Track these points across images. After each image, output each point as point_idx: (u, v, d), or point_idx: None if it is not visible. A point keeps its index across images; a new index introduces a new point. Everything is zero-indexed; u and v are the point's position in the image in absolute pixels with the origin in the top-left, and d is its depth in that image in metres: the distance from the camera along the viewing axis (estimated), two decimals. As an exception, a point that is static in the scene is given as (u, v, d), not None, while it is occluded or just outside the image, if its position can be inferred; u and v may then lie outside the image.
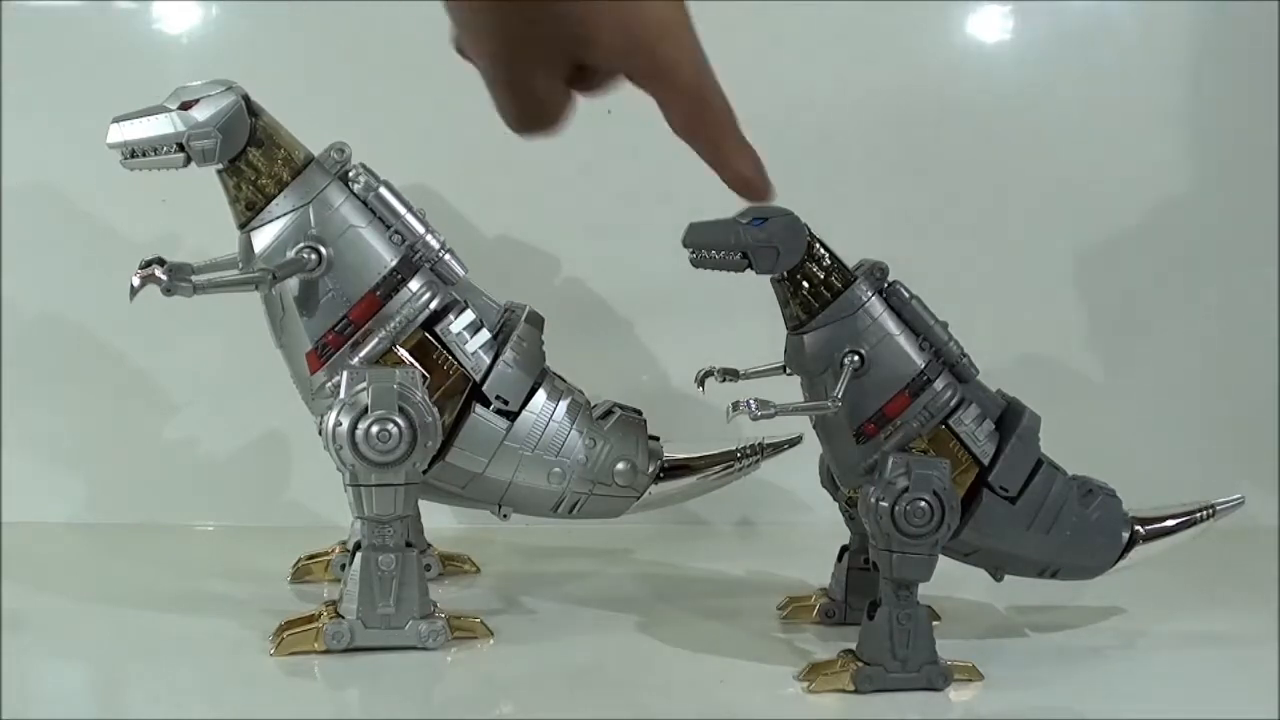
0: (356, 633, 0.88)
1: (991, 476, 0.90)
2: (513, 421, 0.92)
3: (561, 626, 0.97)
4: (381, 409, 0.85)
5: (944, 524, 0.84)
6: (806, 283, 0.88)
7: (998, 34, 1.34)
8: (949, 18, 1.33)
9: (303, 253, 0.87)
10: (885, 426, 0.88)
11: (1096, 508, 0.94)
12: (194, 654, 0.88)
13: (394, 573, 0.88)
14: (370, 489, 0.86)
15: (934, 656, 0.86)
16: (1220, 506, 0.99)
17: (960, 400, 0.89)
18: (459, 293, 0.93)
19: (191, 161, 0.86)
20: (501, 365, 0.92)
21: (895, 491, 0.84)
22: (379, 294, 0.89)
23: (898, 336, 0.88)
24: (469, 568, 1.10)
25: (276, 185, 0.88)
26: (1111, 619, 1.03)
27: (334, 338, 0.89)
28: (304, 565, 1.05)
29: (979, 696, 0.86)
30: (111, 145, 0.85)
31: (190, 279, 0.82)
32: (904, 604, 0.85)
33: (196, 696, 0.83)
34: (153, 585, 1.02)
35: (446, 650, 0.89)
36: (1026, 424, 0.90)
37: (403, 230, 0.90)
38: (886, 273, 0.90)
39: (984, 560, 0.94)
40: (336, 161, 0.90)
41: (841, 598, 0.99)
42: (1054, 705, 0.86)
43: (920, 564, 0.85)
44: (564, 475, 0.94)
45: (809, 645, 0.94)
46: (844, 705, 0.84)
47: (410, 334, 0.90)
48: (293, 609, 0.93)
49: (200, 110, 0.85)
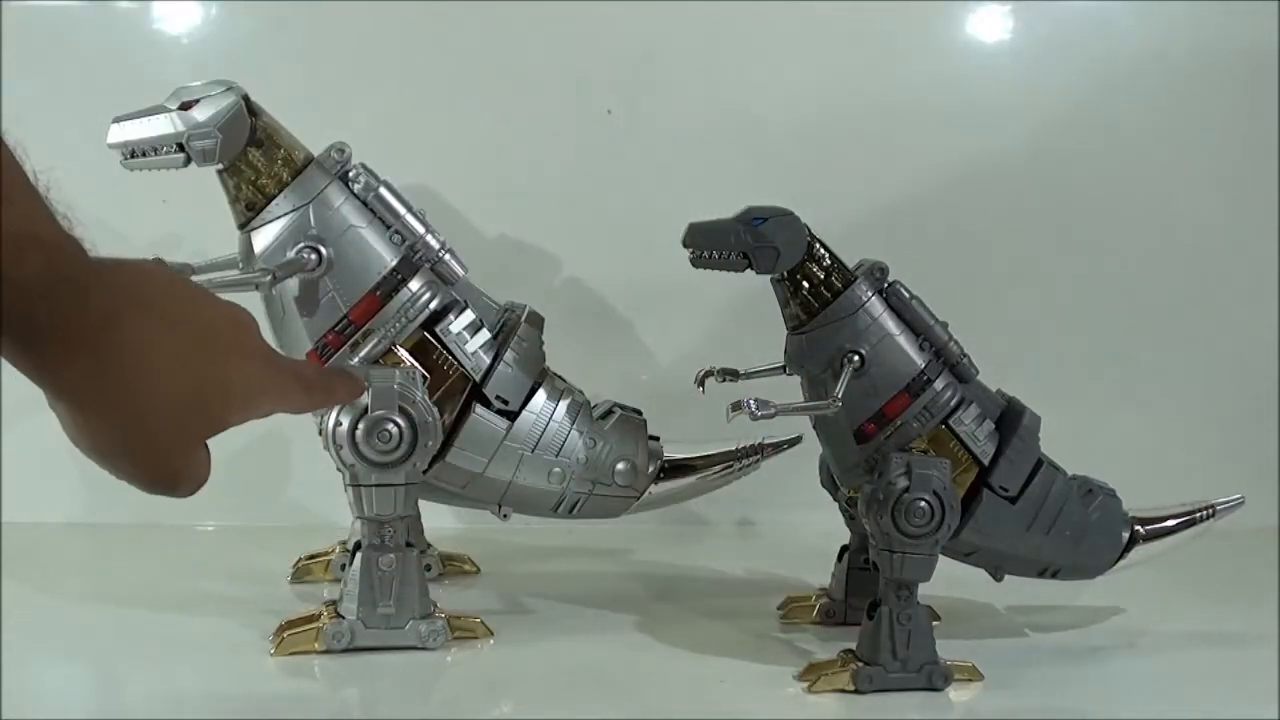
0: (356, 633, 0.88)
1: (992, 476, 0.90)
2: (513, 421, 0.92)
3: (561, 626, 0.97)
4: (381, 409, 0.85)
5: (944, 524, 0.84)
6: (806, 283, 0.88)
7: (998, 34, 1.34)
8: (950, 18, 1.33)
9: (303, 253, 0.87)
10: (885, 426, 0.88)
11: (1096, 508, 0.94)
12: (194, 654, 0.88)
13: (394, 573, 0.88)
14: (370, 489, 0.86)
15: (934, 656, 0.86)
16: (1220, 506, 0.99)
17: (960, 400, 0.89)
18: (459, 293, 0.93)
19: (191, 161, 0.86)
20: (502, 365, 0.92)
21: (895, 491, 0.84)
22: (379, 294, 0.89)
23: (898, 336, 0.88)
24: (469, 568, 1.10)
25: (276, 185, 0.88)
26: (1111, 619, 1.03)
27: (334, 338, 0.89)
28: (304, 565, 1.05)
29: (979, 696, 0.86)
30: (112, 145, 0.85)
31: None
32: (904, 604, 0.85)
33: (196, 696, 0.83)
34: (153, 585, 1.02)
35: (446, 650, 0.89)
36: (1026, 424, 0.90)
37: (403, 230, 0.90)
38: (886, 273, 0.90)
39: (984, 560, 0.94)
40: (336, 161, 0.90)
41: (841, 598, 0.99)
42: (1054, 705, 0.86)
43: (920, 564, 0.85)
44: (564, 475, 0.94)
45: (809, 645, 0.94)
46: (844, 705, 0.84)
47: (410, 334, 0.90)
48: (293, 609, 0.93)
49: (200, 110, 0.85)
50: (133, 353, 0.49)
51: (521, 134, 1.27)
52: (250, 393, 0.55)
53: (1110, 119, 1.33)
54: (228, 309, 0.55)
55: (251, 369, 0.55)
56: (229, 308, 0.55)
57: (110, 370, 0.49)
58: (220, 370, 0.53)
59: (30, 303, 0.46)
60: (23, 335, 0.47)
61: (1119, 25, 1.33)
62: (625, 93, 1.28)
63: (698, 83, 1.28)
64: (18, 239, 0.45)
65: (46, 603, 0.98)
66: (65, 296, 0.47)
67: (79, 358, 0.48)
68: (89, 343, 0.48)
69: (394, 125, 1.22)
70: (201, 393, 0.52)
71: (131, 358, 0.49)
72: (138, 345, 0.49)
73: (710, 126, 1.28)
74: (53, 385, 0.49)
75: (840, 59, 1.30)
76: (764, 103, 1.29)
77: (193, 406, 0.51)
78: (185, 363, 0.51)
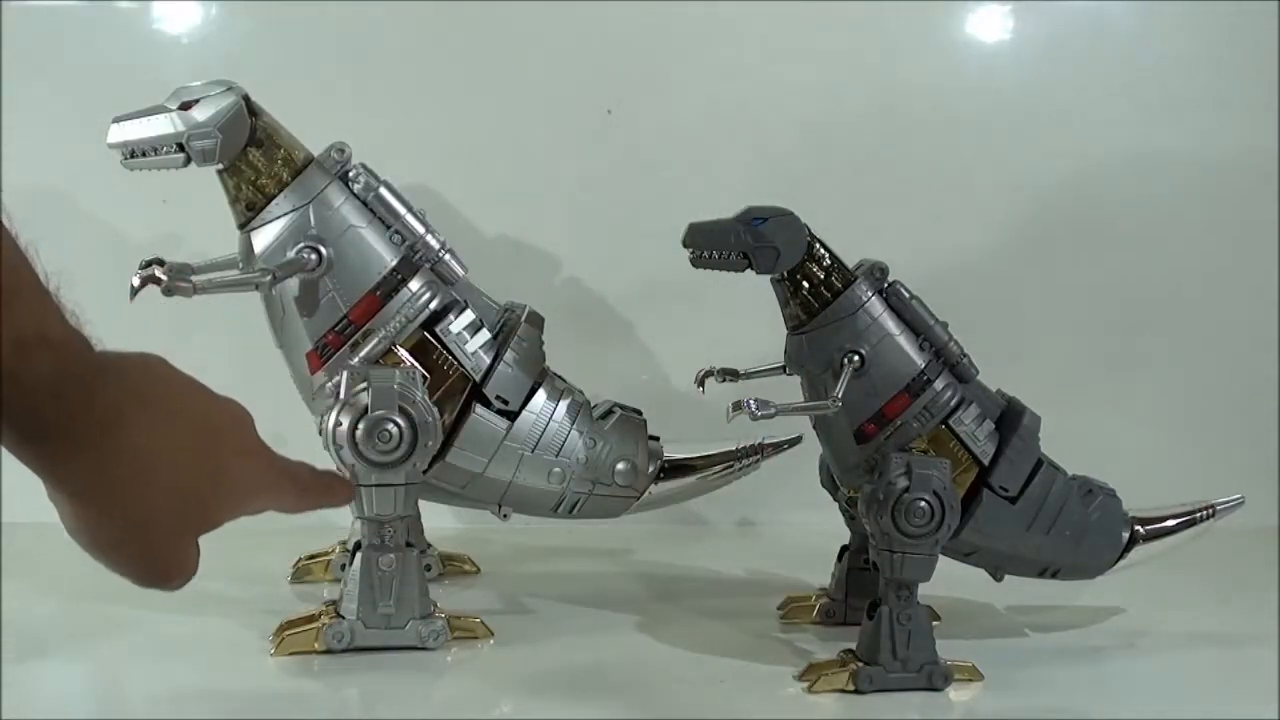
0: (356, 633, 0.88)
1: (992, 476, 0.90)
2: (513, 421, 0.92)
3: (561, 626, 0.97)
4: (382, 409, 0.85)
5: (944, 524, 0.84)
6: (806, 283, 0.88)
7: (998, 34, 1.34)
8: (951, 18, 1.33)
9: (303, 253, 0.87)
10: (885, 426, 0.88)
11: (1096, 508, 0.94)
12: (194, 654, 0.88)
13: (394, 573, 0.88)
14: (370, 489, 0.86)
15: (934, 656, 0.86)
16: (1220, 506, 0.99)
17: (960, 400, 0.89)
18: (459, 293, 0.93)
19: (191, 161, 0.86)
20: (502, 365, 0.91)
21: (895, 491, 0.84)
22: (379, 294, 0.89)
23: (898, 336, 0.88)
24: (469, 568, 1.10)
25: (276, 185, 0.88)
26: (1111, 619, 1.03)
27: (334, 338, 0.89)
28: (304, 565, 1.05)
29: (979, 696, 0.86)
30: (112, 145, 0.85)
31: (190, 279, 0.82)
32: (904, 604, 0.85)
33: (196, 696, 0.83)
34: (153, 585, 1.02)
35: (446, 650, 0.89)
36: (1026, 424, 0.90)
37: (403, 230, 0.90)
38: (886, 273, 0.90)
39: (984, 560, 0.94)
40: (336, 161, 0.90)
41: (841, 598, 0.99)
42: (1054, 705, 0.86)
43: (920, 564, 0.85)
44: (564, 475, 0.94)
45: (809, 645, 0.94)
46: (844, 705, 0.84)
47: (410, 334, 0.90)
48: (293, 609, 0.93)
49: (200, 110, 0.85)
50: (134, 450, 0.50)
51: (521, 134, 1.27)
52: (246, 490, 0.56)
53: (1110, 119, 1.33)
54: (227, 405, 0.55)
55: (249, 467, 0.56)
56: (228, 404, 0.55)
57: (112, 467, 0.49)
58: (218, 467, 0.53)
59: (37, 400, 0.47)
60: (28, 431, 0.47)
61: (1119, 25, 1.33)
62: (625, 93, 1.28)
63: (698, 83, 1.28)
64: (27, 338, 0.46)
65: (46, 603, 0.98)
66: (71, 395, 0.48)
67: (82, 454, 0.48)
68: (92, 439, 0.48)
69: (394, 125, 1.22)
70: (199, 489, 0.52)
71: (133, 455, 0.50)
72: (139, 442, 0.50)
73: (710, 126, 1.28)
74: (55, 479, 0.50)
75: (840, 59, 1.30)
76: (764, 102, 1.29)
77: (190, 503, 0.52)
78: (184, 459, 0.51)
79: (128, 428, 0.49)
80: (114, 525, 0.51)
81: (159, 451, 0.50)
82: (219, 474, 0.53)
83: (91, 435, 0.48)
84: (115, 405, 0.49)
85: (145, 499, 0.50)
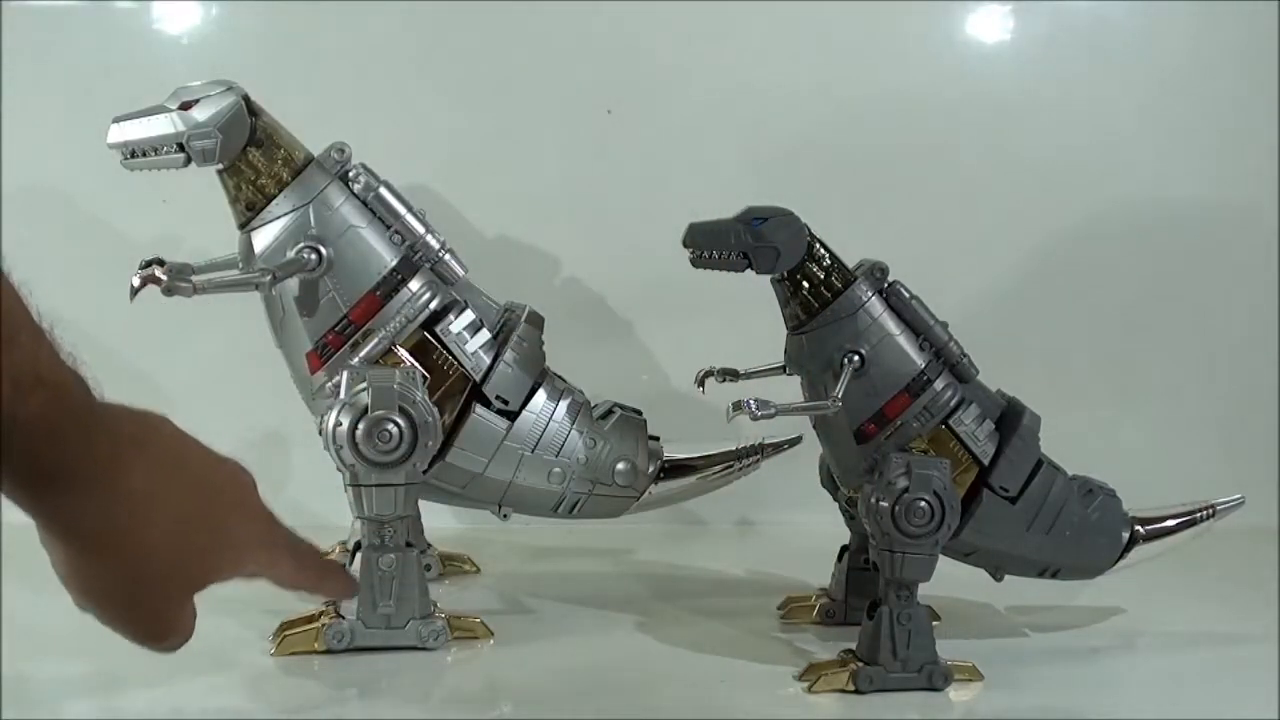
0: (356, 633, 0.88)
1: (992, 476, 0.90)
2: (513, 421, 0.92)
3: (561, 626, 0.97)
4: (381, 409, 0.85)
5: (944, 524, 0.84)
6: (806, 283, 0.88)
7: (998, 34, 1.34)
8: (951, 18, 1.33)
9: (303, 253, 0.87)
10: (885, 426, 0.88)
11: (1096, 508, 0.94)
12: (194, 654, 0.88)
13: (394, 573, 0.88)
14: (370, 489, 0.86)
15: (934, 656, 0.86)
16: (1220, 506, 0.99)
17: (960, 400, 0.89)
18: (459, 293, 0.93)
19: (191, 161, 0.86)
20: (502, 365, 0.91)
21: (895, 491, 0.84)
22: (379, 294, 0.89)
23: (898, 336, 0.88)
24: (469, 568, 1.10)
25: (276, 185, 0.88)
26: (1111, 619, 1.03)
27: (334, 338, 0.89)
28: (304, 565, 1.05)
29: (979, 696, 0.86)
30: (112, 145, 0.85)
31: (190, 279, 0.82)
32: (904, 604, 0.85)
33: (196, 696, 0.83)
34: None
35: (446, 650, 0.89)
36: (1026, 424, 0.90)
37: (403, 230, 0.90)
38: (886, 273, 0.90)
39: (984, 560, 0.94)
40: (336, 161, 0.90)
41: (841, 598, 0.99)
42: (1054, 705, 0.86)
43: (920, 564, 0.85)
44: (564, 475, 0.94)
45: (809, 645, 0.94)
46: (844, 705, 0.84)
47: (410, 334, 0.90)
48: (293, 609, 0.93)
49: (200, 110, 0.85)
50: (131, 496, 0.49)
51: (521, 134, 1.27)
52: (243, 550, 0.55)
53: (1110, 119, 1.33)
54: (230, 467, 0.54)
55: (248, 527, 0.55)
56: (231, 465, 0.54)
57: (109, 512, 0.48)
58: (216, 523, 0.52)
59: (33, 442, 0.46)
60: (24, 473, 0.46)
61: (1119, 25, 1.33)
62: (625, 92, 1.28)
63: (698, 83, 1.28)
64: (22, 379, 0.45)
65: (46, 603, 0.97)
66: (69, 437, 0.47)
67: (78, 497, 0.48)
68: (89, 483, 0.48)
69: (394, 125, 1.22)
70: (196, 543, 0.51)
71: (130, 501, 0.49)
72: (137, 489, 0.49)
73: (710, 126, 1.28)
74: (50, 523, 0.49)
75: (840, 59, 1.30)
76: (764, 102, 1.29)
77: (185, 556, 0.51)
78: (182, 511, 0.51)
79: (126, 474, 0.48)
80: (108, 573, 0.50)
81: (156, 500, 0.50)
82: (216, 530, 0.52)
83: (88, 478, 0.47)
84: (114, 450, 0.48)
85: (140, 547, 0.49)
